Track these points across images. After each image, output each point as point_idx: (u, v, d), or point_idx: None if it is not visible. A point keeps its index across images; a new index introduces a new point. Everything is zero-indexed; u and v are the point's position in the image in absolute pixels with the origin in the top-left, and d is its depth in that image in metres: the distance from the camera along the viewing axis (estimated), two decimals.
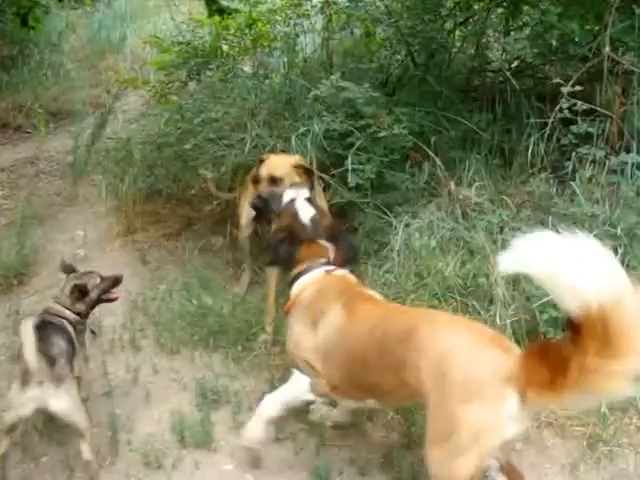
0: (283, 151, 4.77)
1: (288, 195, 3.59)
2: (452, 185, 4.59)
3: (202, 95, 6.08)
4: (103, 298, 3.78)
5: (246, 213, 4.61)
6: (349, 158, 4.53)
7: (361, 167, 4.51)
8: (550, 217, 4.24)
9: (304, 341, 3.22)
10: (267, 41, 6.93)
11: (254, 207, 4.00)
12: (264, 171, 4.19)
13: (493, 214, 4.39)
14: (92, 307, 3.75)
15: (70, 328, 3.54)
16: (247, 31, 6.94)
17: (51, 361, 3.16)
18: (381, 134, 4.58)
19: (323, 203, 4.29)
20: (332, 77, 4.75)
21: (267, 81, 6.32)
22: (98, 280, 3.76)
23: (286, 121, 5.27)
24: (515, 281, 3.93)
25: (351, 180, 4.50)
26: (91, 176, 6.61)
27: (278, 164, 4.22)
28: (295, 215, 3.49)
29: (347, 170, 4.50)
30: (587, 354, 2.30)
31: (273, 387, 3.47)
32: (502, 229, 4.31)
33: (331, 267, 3.34)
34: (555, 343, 2.70)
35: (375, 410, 3.62)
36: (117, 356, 4.32)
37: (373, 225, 4.62)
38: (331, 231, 3.48)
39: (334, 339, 3.11)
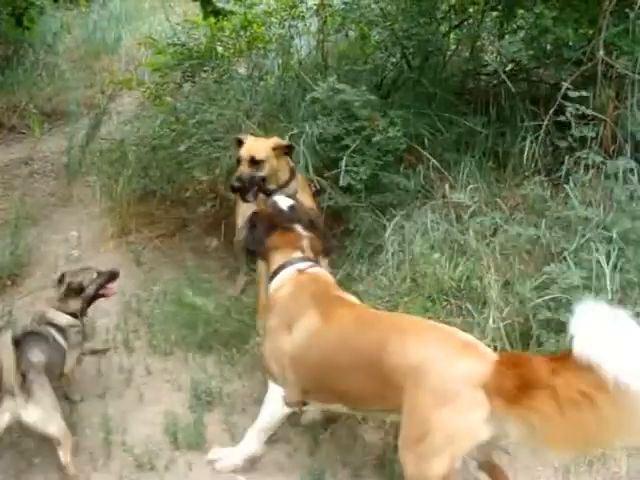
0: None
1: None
2: (446, 188, 4.59)
3: (197, 97, 6.08)
4: (100, 293, 3.80)
5: (242, 216, 4.62)
6: (344, 159, 4.54)
7: (355, 169, 4.51)
8: (544, 220, 4.26)
9: (279, 345, 3.23)
10: (262, 43, 6.94)
11: (233, 188, 4.14)
12: (245, 153, 4.26)
13: (486, 217, 4.40)
14: (89, 303, 3.78)
15: (58, 335, 3.56)
16: (242, 33, 6.96)
17: (22, 374, 3.19)
18: (375, 136, 4.59)
19: (308, 199, 4.34)
20: (329, 79, 4.75)
21: (262, 83, 6.33)
22: (95, 275, 3.77)
23: (281, 123, 5.27)
24: (508, 283, 3.95)
25: (343, 181, 4.51)
26: (85, 177, 6.59)
27: (259, 146, 4.29)
28: (273, 203, 3.55)
29: (341, 172, 4.51)
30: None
31: (267, 389, 3.46)
32: (495, 232, 4.32)
33: (305, 264, 3.33)
34: (528, 358, 2.70)
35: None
36: (110, 357, 4.31)
37: (367, 227, 4.62)
38: (309, 219, 3.49)
39: (307, 343, 3.11)
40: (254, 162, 4.23)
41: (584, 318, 2.32)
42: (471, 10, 6.07)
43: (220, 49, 7.03)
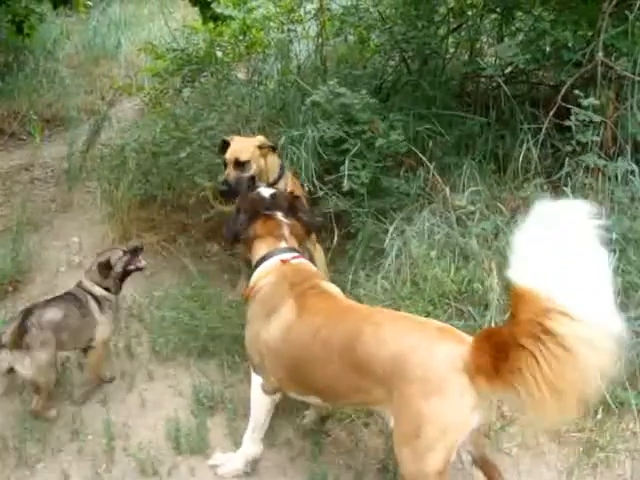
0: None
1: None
2: (447, 191, 4.59)
3: (196, 102, 6.09)
4: (129, 269, 4.01)
5: None
6: (346, 163, 4.54)
7: (356, 173, 4.51)
8: None
9: (257, 333, 3.25)
10: (261, 47, 6.97)
11: (220, 192, 4.24)
12: (229, 155, 4.29)
13: (487, 220, 4.40)
14: (121, 280, 4.03)
15: (93, 302, 3.91)
16: (241, 38, 6.98)
17: (23, 330, 3.62)
18: (376, 140, 4.59)
19: (298, 189, 4.43)
20: (329, 83, 4.75)
21: (261, 88, 6.34)
22: (121, 254, 4.00)
23: (281, 128, 5.27)
24: (510, 286, 3.94)
25: (346, 185, 4.51)
26: (86, 183, 6.60)
27: (243, 147, 4.31)
28: (257, 193, 3.60)
29: (342, 176, 4.51)
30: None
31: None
32: (496, 235, 4.32)
33: (289, 255, 3.34)
34: (498, 328, 2.71)
35: (371, 416, 3.63)
36: (112, 363, 4.31)
37: (369, 231, 4.62)
38: (290, 203, 3.50)
39: (281, 335, 3.13)
40: (239, 164, 4.25)
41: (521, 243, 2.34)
42: (469, 13, 6.08)
43: (219, 54, 7.05)
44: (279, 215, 3.44)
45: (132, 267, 4.03)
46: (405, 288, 4.14)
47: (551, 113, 4.56)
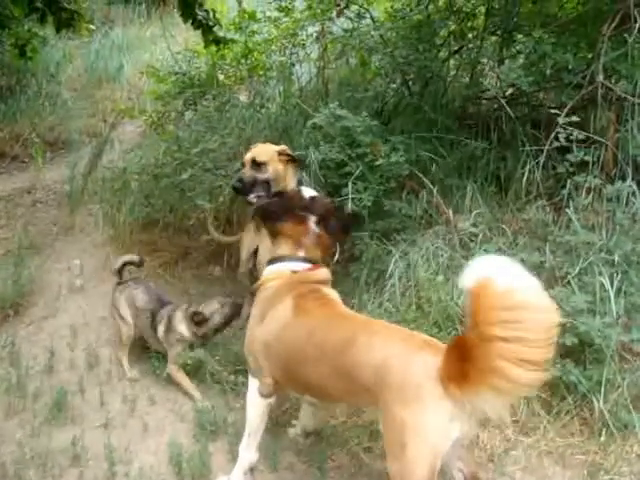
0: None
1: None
2: (450, 213, 4.59)
3: (198, 125, 6.10)
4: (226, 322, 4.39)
5: (246, 249, 4.67)
6: (349, 186, 4.54)
7: (358, 196, 4.51)
8: (547, 244, 4.26)
9: (255, 333, 3.30)
10: (263, 70, 6.98)
11: (233, 188, 4.24)
12: (248, 155, 4.33)
13: (490, 242, 4.40)
14: (216, 331, 4.39)
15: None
16: (243, 61, 7.00)
17: None
18: (378, 163, 4.59)
19: None
20: (330, 106, 4.77)
21: (263, 110, 6.35)
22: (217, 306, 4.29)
23: None
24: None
25: (348, 208, 4.50)
26: (88, 205, 6.62)
27: (262, 150, 4.37)
28: (299, 190, 3.60)
29: (344, 199, 4.51)
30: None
31: (270, 419, 3.45)
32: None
33: (301, 266, 3.34)
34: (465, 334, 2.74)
35: (373, 440, 3.61)
36: (114, 387, 4.30)
37: (372, 253, 4.61)
38: (325, 214, 3.47)
39: (277, 331, 3.18)
40: (256, 164, 4.27)
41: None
42: (470, 36, 6.11)
43: (221, 77, 7.08)
44: (311, 220, 3.41)
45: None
46: (410, 311, 4.14)
47: (552, 135, 4.56)
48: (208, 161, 5.21)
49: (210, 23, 6.77)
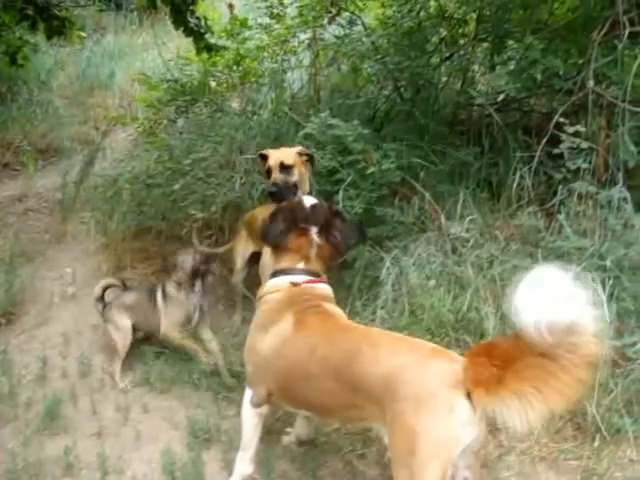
0: None
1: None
2: (442, 220, 4.60)
3: (190, 132, 6.10)
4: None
5: (241, 257, 4.67)
6: (340, 193, 4.55)
7: (350, 203, 4.52)
8: (539, 250, 4.26)
9: (255, 344, 3.29)
10: (255, 77, 6.98)
11: (271, 194, 4.21)
12: (274, 160, 4.30)
13: (482, 248, 4.40)
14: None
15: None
16: (235, 68, 6.99)
17: None
18: (369, 170, 4.60)
19: None
20: (322, 115, 4.77)
21: (255, 118, 6.35)
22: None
23: None
24: (505, 315, 3.93)
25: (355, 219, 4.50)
26: (80, 213, 6.59)
27: (285, 153, 4.35)
28: (299, 201, 3.56)
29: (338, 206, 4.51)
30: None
31: (264, 427, 3.44)
32: (491, 263, 4.32)
33: (302, 278, 3.34)
34: (501, 342, 2.73)
35: (367, 447, 3.61)
36: (107, 395, 4.29)
37: (365, 260, 4.61)
38: (328, 219, 3.46)
39: (276, 345, 3.17)
40: (284, 167, 4.26)
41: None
42: (461, 42, 6.13)
43: (213, 84, 7.07)
44: (313, 231, 3.40)
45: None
46: (403, 318, 4.14)
47: (543, 141, 4.58)
48: (200, 170, 5.21)
49: (202, 30, 6.78)
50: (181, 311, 4.48)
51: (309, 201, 3.56)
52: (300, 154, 4.33)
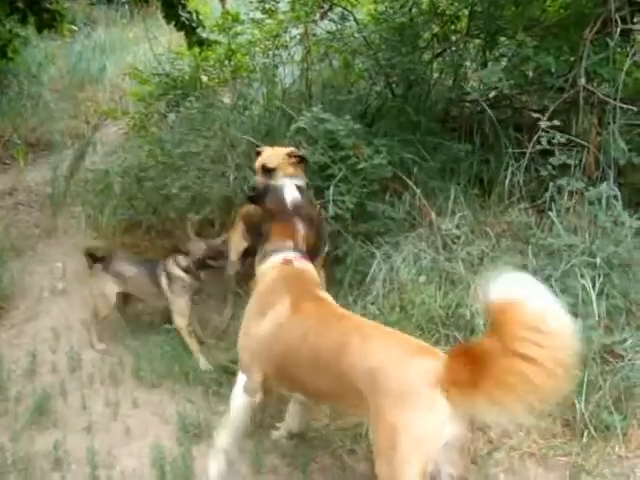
0: None
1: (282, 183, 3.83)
2: (433, 216, 4.61)
3: (182, 127, 6.08)
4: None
5: (235, 250, 4.64)
6: (331, 188, 4.54)
7: (341, 198, 4.52)
8: (530, 247, 4.28)
9: (250, 328, 3.30)
10: (246, 72, 6.97)
11: (248, 197, 4.19)
12: (258, 162, 4.31)
13: (473, 244, 4.41)
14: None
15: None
16: (226, 62, 6.98)
17: None
18: (360, 165, 4.60)
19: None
20: (313, 109, 4.77)
21: (247, 112, 6.34)
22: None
23: None
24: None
25: (331, 210, 4.51)
26: (70, 208, 6.56)
27: (272, 155, 4.31)
28: (281, 198, 3.68)
29: (327, 201, 4.51)
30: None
31: (254, 423, 3.44)
32: (482, 259, 4.33)
33: (293, 254, 3.38)
34: (477, 342, 2.75)
35: (357, 442, 3.62)
36: (96, 390, 4.27)
37: (356, 256, 4.61)
38: (309, 217, 3.53)
39: (272, 329, 3.17)
40: (266, 170, 4.24)
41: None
42: (453, 38, 6.14)
43: (204, 79, 7.06)
44: (296, 222, 3.49)
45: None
46: (394, 313, 4.14)
47: (534, 138, 4.59)
48: (192, 164, 5.19)
49: (193, 24, 6.77)
50: (186, 298, 4.53)
51: (290, 195, 3.68)
52: (290, 155, 4.30)
